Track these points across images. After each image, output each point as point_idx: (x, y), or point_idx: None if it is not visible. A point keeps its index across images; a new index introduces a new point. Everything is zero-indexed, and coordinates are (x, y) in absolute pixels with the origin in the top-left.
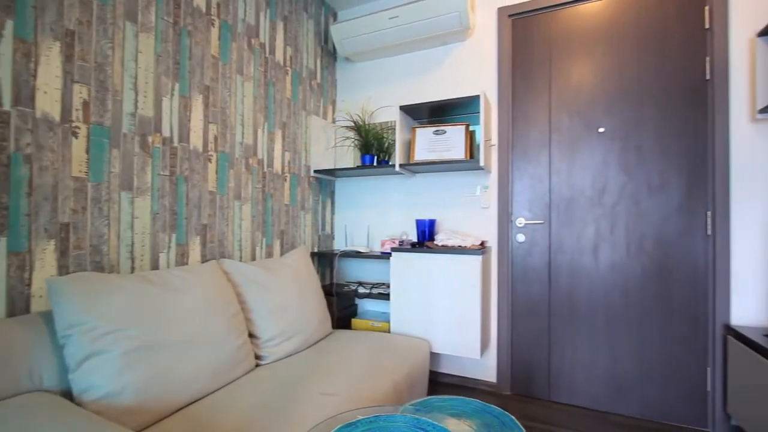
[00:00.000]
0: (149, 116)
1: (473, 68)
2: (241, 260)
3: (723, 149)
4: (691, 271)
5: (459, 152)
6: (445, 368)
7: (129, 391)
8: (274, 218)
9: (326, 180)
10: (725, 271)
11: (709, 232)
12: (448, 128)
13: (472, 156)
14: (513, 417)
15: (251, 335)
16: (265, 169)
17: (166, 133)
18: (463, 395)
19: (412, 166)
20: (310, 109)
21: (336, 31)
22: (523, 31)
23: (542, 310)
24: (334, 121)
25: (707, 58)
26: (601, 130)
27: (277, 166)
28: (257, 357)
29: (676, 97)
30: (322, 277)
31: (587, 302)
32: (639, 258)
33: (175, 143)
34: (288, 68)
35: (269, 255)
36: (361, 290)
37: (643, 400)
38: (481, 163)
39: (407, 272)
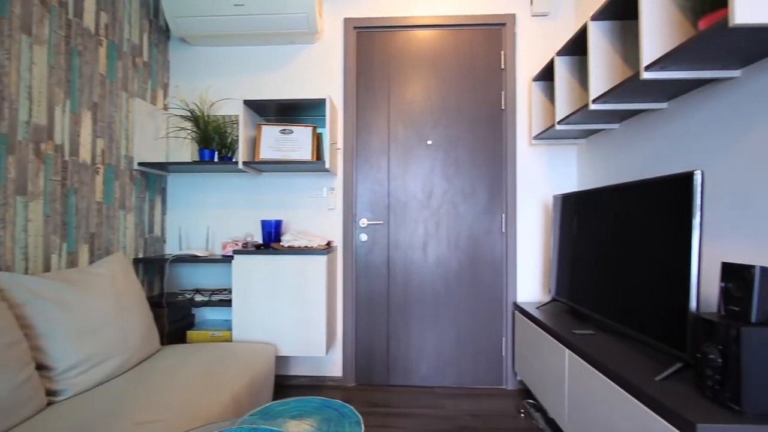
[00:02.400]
0: None
1: (321, 72)
2: (27, 272)
3: (512, 165)
4: (492, 262)
5: (306, 153)
6: (293, 370)
7: None
8: (80, 219)
9: (155, 175)
10: (514, 260)
11: (504, 230)
12: (295, 128)
13: (319, 158)
14: (351, 407)
15: (41, 367)
16: (67, 158)
17: None
18: (310, 394)
19: (257, 165)
20: (133, 91)
21: (168, 6)
22: (367, 44)
23: (382, 303)
24: (166, 108)
25: (502, 92)
26: (429, 142)
27: (85, 154)
28: (51, 393)
29: (483, 120)
30: (150, 287)
31: (418, 292)
32: (456, 252)
33: None
34: (102, 38)
35: (73, 264)
36: (199, 298)
37: (459, 371)
38: (327, 166)
39: (251, 275)
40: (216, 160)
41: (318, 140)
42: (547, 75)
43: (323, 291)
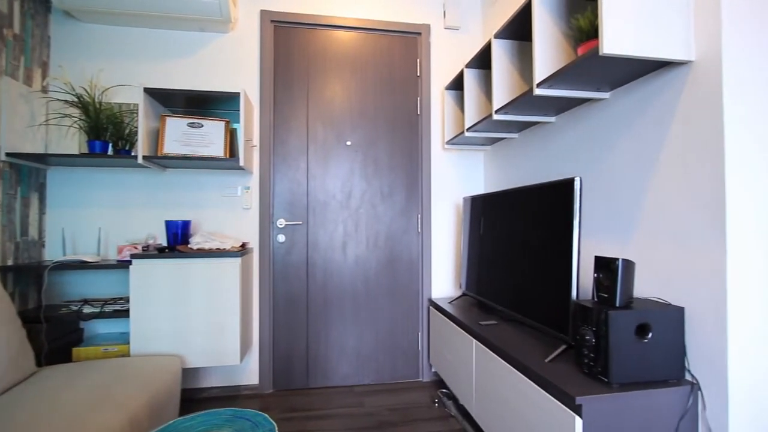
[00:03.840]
0: None
1: (235, 64)
2: None
3: (427, 168)
4: (409, 261)
5: (218, 149)
6: (205, 382)
7: None
8: None
9: (31, 168)
10: (429, 259)
11: (420, 230)
12: (205, 122)
13: (232, 155)
14: (266, 415)
15: None
16: None
17: None
18: (224, 406)
19: (160, 160)
20: None
21: None
22: (285, 39)
23: (301, 304)
24: (45, 91)
25: (418, 98)
26: (349, 143)
27: None
28: None
29: (400, 123)
30: (23, 300)
31: (338, 292)
32: (375, 252)
33: None
34: None
35: None
36: (88, 310)
37: (378, 368)
38: (242, 163)
39: (153, 282)
40: (110, 153)
41: (232, 136)
42: (457, 85)
43: (237, 295)
